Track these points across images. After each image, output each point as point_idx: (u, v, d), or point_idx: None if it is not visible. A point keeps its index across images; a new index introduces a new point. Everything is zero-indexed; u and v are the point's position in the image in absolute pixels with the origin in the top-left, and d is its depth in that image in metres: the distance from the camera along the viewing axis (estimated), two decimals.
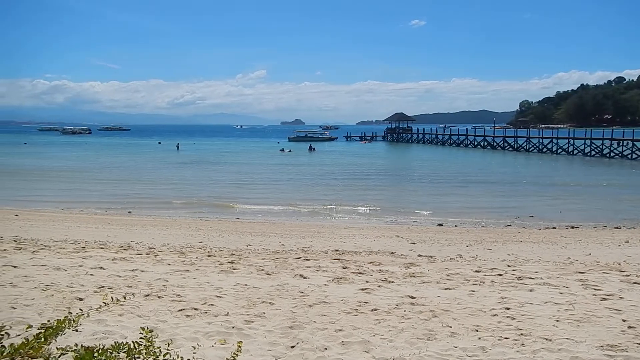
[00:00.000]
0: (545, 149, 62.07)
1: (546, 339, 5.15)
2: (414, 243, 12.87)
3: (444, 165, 46.59)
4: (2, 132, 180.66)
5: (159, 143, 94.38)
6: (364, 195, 25.72)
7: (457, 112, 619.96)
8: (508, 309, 6.23)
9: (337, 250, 11.27)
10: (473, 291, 7.20)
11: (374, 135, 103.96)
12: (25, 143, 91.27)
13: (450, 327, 5.51)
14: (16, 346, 4.41)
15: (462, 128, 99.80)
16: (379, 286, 7.50)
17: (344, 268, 8.95)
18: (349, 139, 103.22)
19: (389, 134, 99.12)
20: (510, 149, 67.33)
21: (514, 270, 8.87)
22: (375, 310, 6.12)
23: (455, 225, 17.50)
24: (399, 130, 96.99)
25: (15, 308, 5.76)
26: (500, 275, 8.41)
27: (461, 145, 77.70)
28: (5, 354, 4.25)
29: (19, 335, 4.91)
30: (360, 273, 8.49)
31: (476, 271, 8.76)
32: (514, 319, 5.83)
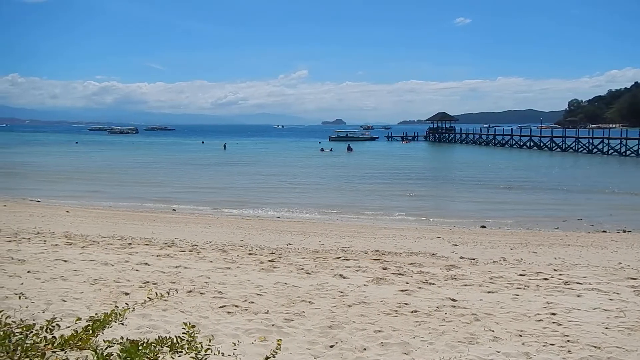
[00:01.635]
0: (595, 150, 59.75)
1: (594, 347, 4.96)
2: (456, 245, 12.65)
3: (488, 165, 45.44)
4: (56, 131, 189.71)
5: (202, 142, 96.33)
6: (405, 196, 25.47)
7: (502, 111, 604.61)
8: (554, 314, 6.04)
9: (377, 251, 11.20)
10: (517, 295, 7.01)
11: (416, 135, 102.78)
12: (76, 142, 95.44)
13: (493, 331, 5.39)
14: (66, 337, 4.59)
15: (507, 128, 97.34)
16: (420, 288, 7.41)
17: (384, 269, 8.89)
18: (389, 139, 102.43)
19: (430, 134, 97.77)
20: (558, 149, 65.09)
21: (560, 274, 8.59)
22: (416, 312, 6.05)
23: (499, 228, 17.09)
24: (441, 130, 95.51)
25: (65, 301, 6.00)
26: (546, 279, 8.16)
27: (506, 145, 75.66)
28: (56, 344, 4.43)
29: (68, 327, 5.10)
30: (400, 274, 8.42)
31: (520, 275, 8.53)
32: (560, 324, 5.65)
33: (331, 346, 4.83)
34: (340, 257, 10.07)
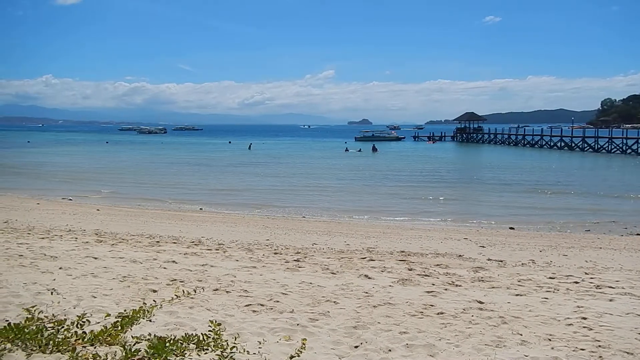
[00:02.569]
0: (630, 151, 58.10)
1: (627, 353, 4.82)
2: (483, 246, 12.47)
3: (517, 166, 44.54)
4: (87, 131, 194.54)
5: (230, 142, 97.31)
6: (431, 197, 25.24)
7: (532, 111, 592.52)
8: (585, 318, 5.89)
9: (402, 252, 11.13)
10: (546, 298, 6.87)
11: (443, 135, 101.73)
12: (107, 142, 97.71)
13: (521, 334, 5.29)
14: (96, 333, 4.71)
15: (537, 128, 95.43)
16: (446, 289, 7.33)
17: (409, 270, 8.82)
18: (416, 139, 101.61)
19: (458, 134, 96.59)
20: (590, 150, 63.47)
21: (592, 278, 8.39)
22: (442, 313, 5.99)
23: (528, 229, 16.79)
24: (469, 130, 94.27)
25: (95, 297, 6.13)
26: (576, 282, 7.98)
27: (536, 145, 74.12)
28: (86, 339, 4.54)
29: (98, 322, 5.25)
30: (426, 275, 8.35)
31: (550, 278, 8.36)
32: (591, 329, 5.51)
33: (356, 347, 4.82)
34: (365, 258, 10.04)
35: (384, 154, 62.02)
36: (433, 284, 7.66)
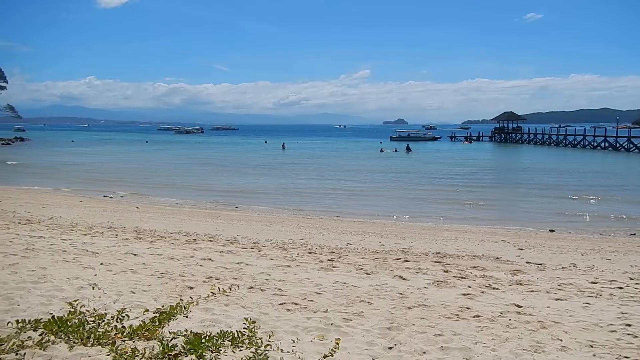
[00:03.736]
0: None
1: None
2: (522, 249, 12.19)
3: (558, 167, 43.21)
4: (128, 131, 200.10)
5: (265, 142, 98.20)
6: (468, 197, 24.83)
7: (575, 110, 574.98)
8: (629, 325, 5.68)
9: (438, 253, 10.99)
10: (588, 304, 6.66)
11: (480, 135, 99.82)
12: (147, 141, 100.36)
13: (561, 340, 5.14)
14: (134, 327, 4.83)
15: (579, 128, 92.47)
16: (482, 292, 7.19)
17: (445, 271, 8.71)
18: (453, 139, 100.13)
19: (496, 134, 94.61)
20: (637, 150, 61.06)
21: (637, 283, 8.09)
22: (478, 316, 5.88)
23: (569, 232, 16.31)
24: (508, 130, 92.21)
25: (134, 292, 6.28)
26: (620, 288, 7.71)
27: (578, 146, 71.79)
28: (125, 334, 4.66)
29: (137, 317, 5.37)
30: (462, 277, 8.22)
31: (592, 282, 8.10)
32: (636, 336, 5.31)
33: (390, 348, 4.78)
34: (400, 259, 9.96)
35: (419, 154, 61.29)
36: (469, 287, 7.53)
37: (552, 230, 16.45)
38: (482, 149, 74.69)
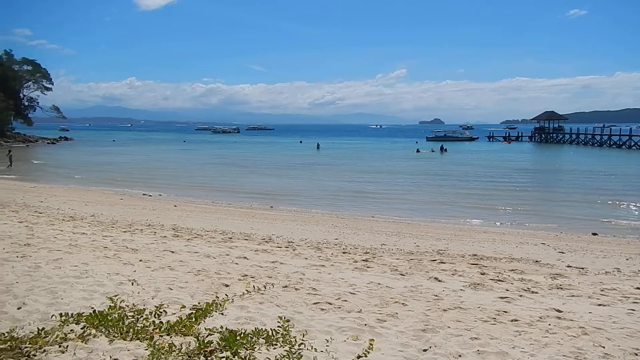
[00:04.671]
0: None
1: None
2: (563, 252, 11.85)
3: (601, 168, 41.63)
4: (166, 130, 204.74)
5: (300, 142, 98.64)
6: (507, 198, 24.30)
7: (620, 109, 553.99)
8: None
9: (475, 255, 10.80)
10: (633, 310, 6.41)
11: (520, 135, 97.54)
12: (184, 141, 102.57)
13: (603, 347, 4.96)
14: (172, 323, 4.92)
15: (624, 128, 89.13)
16: (521, 296, 7.02)
17: (482, 274, 8.55)
18: (491, 139, 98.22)
19: (536, 134, 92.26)
20: None
21: None
22: (516, 320, 5.74)
23: (613, 235, 15.75)
24: (549, 130, 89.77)
25: (172, 289, 6.41)
26: None
27: (623, 146, 69.15)
28: (162, 329, 4.76)
29: (174, 313, 5.48)
30: (499, 280, 8.05)
31: (637, 288, 7.80)
32: None
33: (424, 350, 4.72)
34: (435, 260, 9.83)
35: (456, 155, 60.24)
36: (507, 290, 7.36)
37: (594, 234, 15.92)
38: (521, 150, 72.80)
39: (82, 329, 4.57)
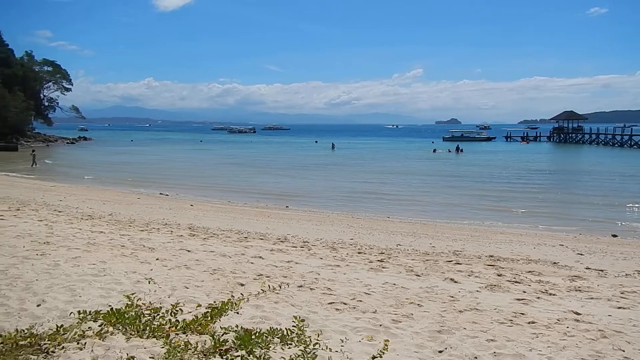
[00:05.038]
0: None
1: None
2: (581, 254, 11.68)
3: (622, 169, 40.86)
4: (183, 130, 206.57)
5: (316, 142, 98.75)
6: (523, 200, 24.04)
7: None
8: None
9: (491, 256, 10.70)
10: None
11: (538, 135, 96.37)
12: (201, 141, 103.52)
13: (623, 351, 4.88)
14: (188, 322, 4.96)
15: None
16: (538, 298, 6.94)
17: (498, 275, 8.46)
18: (508, 139, 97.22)
19: (555, 134, 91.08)
20: None
21: None
22: (533, 323, 5.68)
23: (634, 237, 15.48)
24: (568, 130, 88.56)
25: (187, 288, 6.46)
26: None
27: None
28: (179, 327, 4.80)
29: (190, 312, 5.52)
30: (516, 282, 7.96)
31: None
32: None
33: (440, 351, 4.69)
34: (451, 261, 9.77)
35: (472, 156, 59.69)
36: (524, 292, 7.28)
37: (614, 235, 15.67)
38: (539, 150, 71.93)
39: (99, 326, 4.63)
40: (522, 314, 6.04)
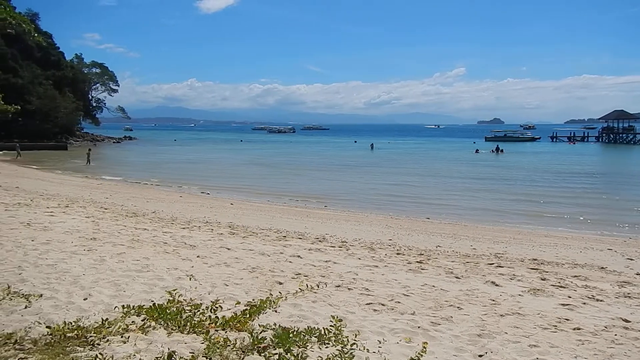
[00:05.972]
0: None
1: None
2: (632, 259, 11.20)
3: None
4: (225, 130, 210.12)
5: (355, 142, 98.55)
6: (568, 205, 23.27)
7: None
8: None
9: (535, 260, 10.40)
10: None
11: (586, 135, 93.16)
12: (241, 140, 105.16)
13: None
14: (227, 318, 5.03)
15: None
16: (584, 303, 6.70)
17: (542, 279, 8.22)
18: (554, 140, 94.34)
19: (604, 134, 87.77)
20: None
21: None
22: (578, 329, 5.49)
23: None
24: (618, 130, 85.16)
25: (227, 285, 6.56)
26: None
27: None
28: (218, 324, 4.87)
29: (229, 309, 5.60)
30: (561, 287, 7.71)
31: None
32: None
33: (480, 356, 4.59)
34: (493, 264, 9.55)
35: (515, 156, 58.13)
36: (569, 297, 7.05)
37: None
38: (587, 152, 69.37)
39: (142, 320, 4.76)
40: (567, 319, 5.85)
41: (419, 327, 5.24)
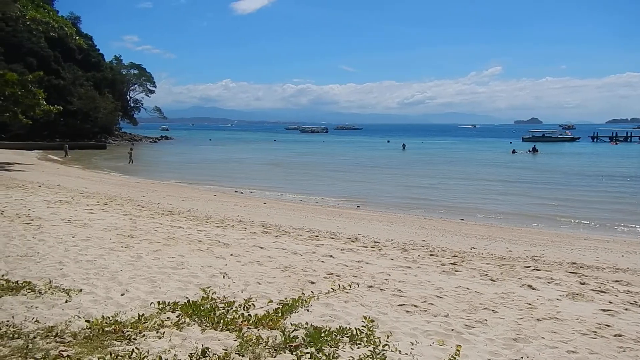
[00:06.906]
0: None
1: None
2: None
3: None
4: (258, 130, 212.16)
5: (388, 142, 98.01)
6: (609, 210, 22.53)
7: None
8: None
9: (574, 263, 10.11)
10: None
11: (629, 135, 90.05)
12: (274, 140, 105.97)
13: None
14: (259, 316, 5.08)
15: None
16: (626, 309, 6.47)
17: (581, 284, 7.98)
18: (595, 140, 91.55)
19: None
20: None
21: None
22: (620, 336, 5.30)
23: None
24: None
25: (260, 283, 6.62)
26: None
27: None
28: (251, 322, 4.92)
29: (262, 307, 5.65)
30: (602, 291, 7.47)
31: None
32: None
33: None
34: (529, 267, 9.33)
35: (554, 158, 56.59)
36: (610, 302, 6.82)
37: None
38: (630, 153, 66.90)
39: (177, 317, 4.85)
40: (608, 325, 5.67)
41: (452, 330, 5.17)
